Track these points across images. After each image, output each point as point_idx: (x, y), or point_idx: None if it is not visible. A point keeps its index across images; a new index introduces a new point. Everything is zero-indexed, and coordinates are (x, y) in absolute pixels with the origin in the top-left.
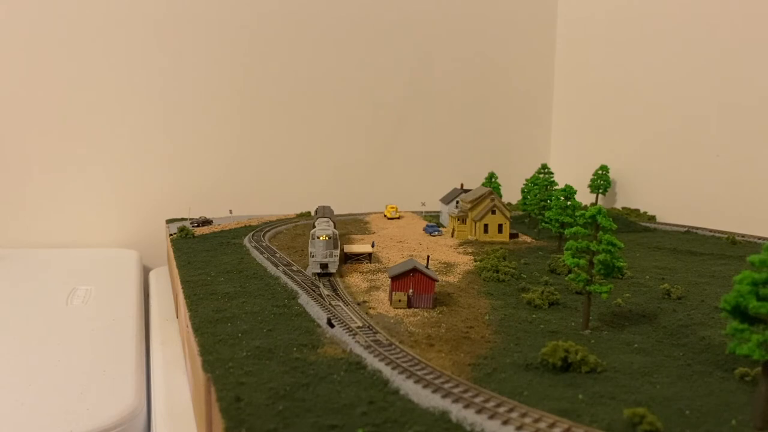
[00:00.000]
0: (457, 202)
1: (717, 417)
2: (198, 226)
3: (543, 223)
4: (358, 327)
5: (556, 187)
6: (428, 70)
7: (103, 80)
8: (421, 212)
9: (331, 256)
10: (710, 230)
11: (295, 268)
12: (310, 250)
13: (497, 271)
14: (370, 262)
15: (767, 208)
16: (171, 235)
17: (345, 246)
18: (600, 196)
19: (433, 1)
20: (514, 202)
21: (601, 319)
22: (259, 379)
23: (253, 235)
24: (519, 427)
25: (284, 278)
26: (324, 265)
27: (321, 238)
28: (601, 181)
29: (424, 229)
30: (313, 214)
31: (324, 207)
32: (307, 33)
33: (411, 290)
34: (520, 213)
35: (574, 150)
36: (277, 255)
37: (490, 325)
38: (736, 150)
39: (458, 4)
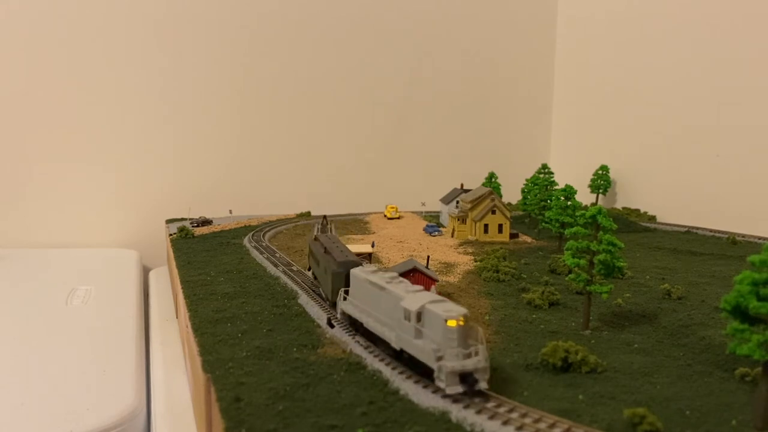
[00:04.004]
0: (457, 202)
1: (717, 417)
2: (198, 226)
3: (543, 223)
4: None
5: (556, 187)
6: (428, 71)
7: (103, 81)
8: (421, 212)
9: (477, 354)
10: (710, 230)
11: (294, 268)
12: (409, 339)
13: (497, 271)
14: (370, 263)
15: (767, 208)
16: (171, 235)
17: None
18: (600, 196)
19: (433, 2)
20: (514, 202)
21: (602, 319)
22: (259, 379)
23: (252, 235)
24: (519, 428)
25: (284, 278)
26: (471, 379)
27: (451, 323)
28: (602, 181)
29: (424, 229)
30: (313, 234)
31: (327, 234)
32: (307, 33)
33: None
34: (520, 213)
35: (574, 150)
36: (277, 255)
37: (490, 325)
38: (736, 150)
39: (458, 4)
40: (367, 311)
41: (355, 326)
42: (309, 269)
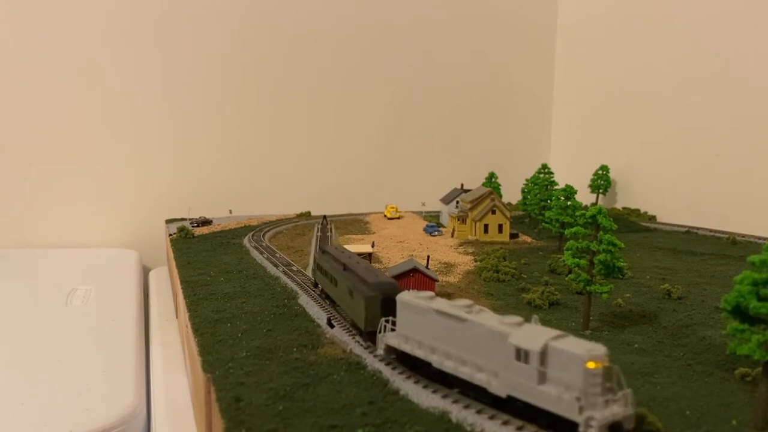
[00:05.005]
0: (457, 202)
1: (717, 417)
2: (198, 226)
3: (543, 223)
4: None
5: (557, 187)
6: (428, 71)
7: (103, 80)
8: (421, 212)
9: (623, 398)
10: (710, 230)
11: (294, 268)
12: (528, 384)
13: (497, 271)
14: (371, 262)
15: (767, 208)
16: (171, 235)
17: (345, 246)
18: (600, 196)
19: (434, 2)
20: (514, 202)
21: (602, 320)
22: (259, 379)
23: (253, 235)
24: (519, 428)
25: (284, 278)
26: (623, 430)
27: (592, 365)
28: (602, 181)
29: (424, 229)
30: (314, 234)
31: (337, 247)
32: (307, 34)
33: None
34: (521, 213)
35: (574, 150)
36: (277, 255)
37: None
38: (736, 150)
39: (458, 4)
40: (433, 347)
41: (410, 363)
42: (316, 285)
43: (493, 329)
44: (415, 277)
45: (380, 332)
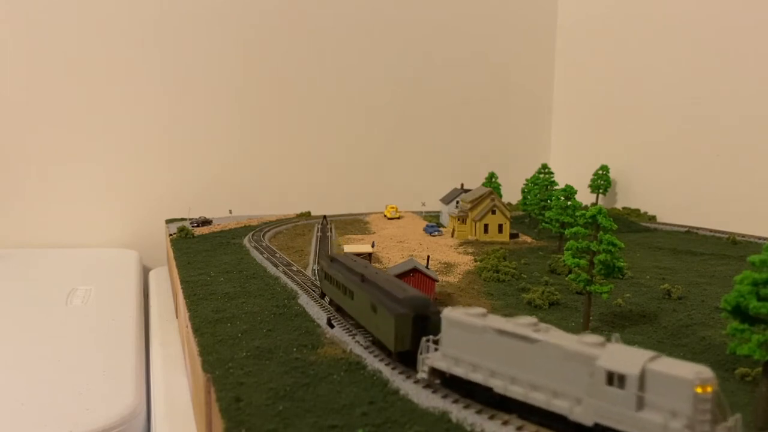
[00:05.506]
0: (457, 202)
1: None
2: (198, 226)
3: (543, 223)
4: (358, 327)
5: (557, 187)
6: (428, 71)
7: (103, 80)
8: (421, 212)
9: (733, 425)
10: (710, 230)
11: (294, 268)
12: (623, 412)
13: (497, 271)
14: (371, 262)
15: (767, 208)
16: (171, 235)
17: (345, 246)
18: (600, 196)
19: (434, 2)
20: (514, 202)
21: (602, 320)
22: (259, 379)
23: (252, 235)
24: (519, 428)
25: (284, 278)
26: None
27: (701, 390)
28: (602, 181)
29: (424, 229)
30: (314, 234)
31: (347, 254)
32: (307, 33)
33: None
34: (521, 213)
35: (574, 150)
36: (277, 255)
37: None
38: (736, 150)
39: (458, 4)
40: (492, 370)
41: (461, 387)
42: (323, 295)
43: (576, 351)
44: (415, 277)
45: (421, 353)
